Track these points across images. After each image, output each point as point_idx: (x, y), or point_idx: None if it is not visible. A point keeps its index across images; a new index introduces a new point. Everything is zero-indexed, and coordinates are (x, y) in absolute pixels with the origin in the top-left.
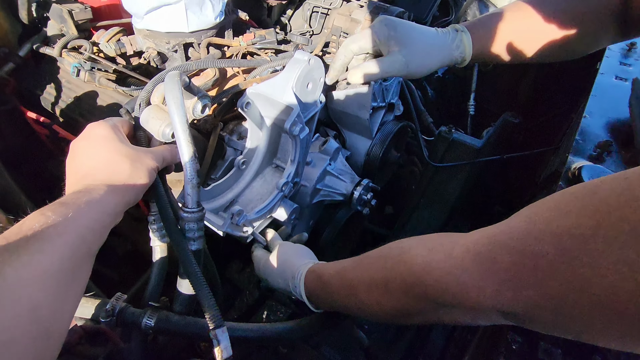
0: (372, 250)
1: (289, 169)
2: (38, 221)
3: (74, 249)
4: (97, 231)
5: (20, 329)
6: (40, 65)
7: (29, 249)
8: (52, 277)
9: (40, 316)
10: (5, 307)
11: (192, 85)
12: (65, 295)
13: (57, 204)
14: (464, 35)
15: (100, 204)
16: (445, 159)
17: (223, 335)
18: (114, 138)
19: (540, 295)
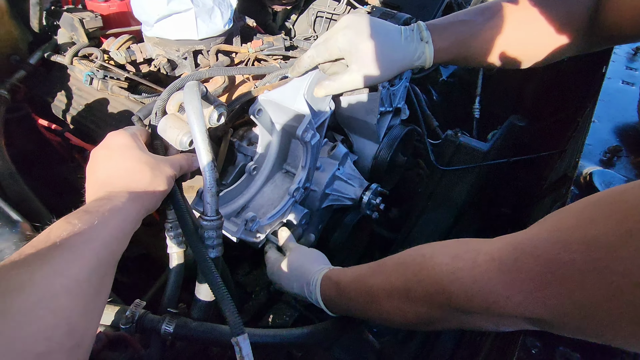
0: (391, 257)
1: (299, 174)
2: (65, 229)
3: (100, 257)
4: (120, 239)
5: (57, 341)
6: (50, 72)
7: (59, 257)
8: (81, 287)
9: (74, 327)
10: (42, 318)
11: (208, 95)
12: (94, 305)
13: (82, 212)
14: (427, 47)
15: (122, 212)
16: (452, 163)
17: (245, 342)
18: (134, 146)
19: (569, 303)
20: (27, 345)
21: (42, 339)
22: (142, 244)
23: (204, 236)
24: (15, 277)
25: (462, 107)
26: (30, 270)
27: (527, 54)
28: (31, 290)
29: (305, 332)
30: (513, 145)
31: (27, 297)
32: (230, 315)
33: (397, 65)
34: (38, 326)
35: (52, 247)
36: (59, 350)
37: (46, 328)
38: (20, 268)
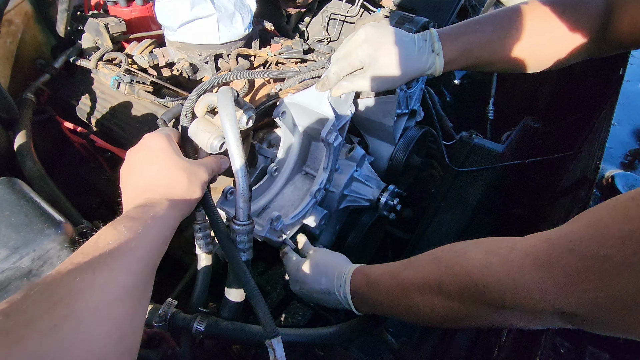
0: (423, 253)
1: (321, 175)
2: (112, 236)
3: (144, 264)
4: (160, 245)
5: (109, 348)
6: (73, 76)
7: (109, 265)
8: (130, 294)
9: (124, 334)
10: (97, 325)
11: (239, 99)
12: (140, 311)
13: (127, 218)
14: (437, 58)
15: (163, 219)
16: (466, 164)
17: (278, 345)
18: (170, 150)
19: (605, 297)
20: (88, 353)
21: (98, 347)
22: None
23: (236, 240)
24: (73, 284)
25: (475, 108)
26: (86, 277)
27: (537, 61)
28: (89, 298)
29: (333, 332)
30: (527, 146)
31: (86, 304)
32: (265, 318)
33: (410, 75)
34: (95, 333)
35: (102, 255)
36: (111, 356)
37: (101, 336)
38: (77, 274)
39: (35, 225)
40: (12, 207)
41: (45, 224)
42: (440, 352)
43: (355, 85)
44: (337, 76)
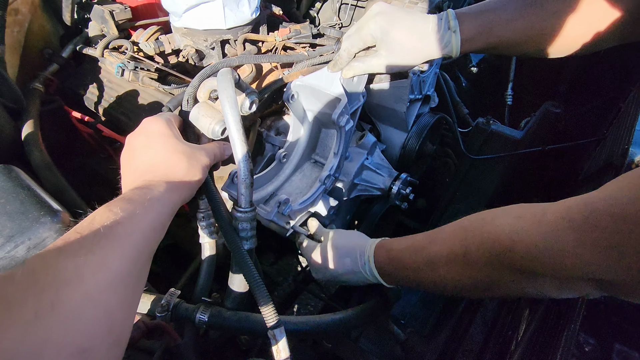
0: (447, 225)
1: (331, 161)
2: (108, 218)
3: (139, 250)
4: (158, 230)
5: (99, 337)
6: (81, 65)
7: (102, 249)
8: (123, 281)
9: (115, 323)
10: (86, 313)
11: (241, 82)
12: (133, 299)
13: (123, 200)
14: (454, 36)
15: (161, 202)
16: (483, 151)
17: (281, 335)
18: (170, 134)
19: None
20: (73, 341)
21: (86, 336)
22: (171, 234)
23: (238, 228)
24: (64, 268)
25: (492, 94)
26: (77, 261)
27: (564, 43)
28: (77, 285)
29: (336, 319)
30: (547, 133)
31: (75, 291)
32: (266, 308)
33: (424, 54)
34: (84, 322)
35: (96, 236)
36: (100, 346)
37: (90, 324)
38: (67, 258)
39: (30, 213)
40: (8, 195)
41: (41, 212)
42: (454, 345)
43: (367, 65)
44: (348, 53)
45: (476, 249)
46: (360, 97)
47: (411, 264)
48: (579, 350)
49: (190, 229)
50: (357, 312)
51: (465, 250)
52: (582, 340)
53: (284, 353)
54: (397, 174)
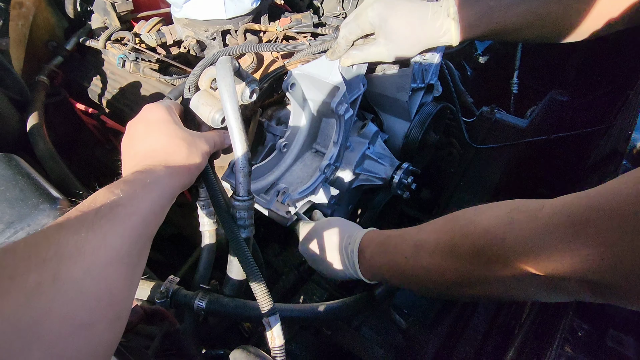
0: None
1: (331, 150)
2: (108, 199)
3: (139, 232)
4: (158, 213)
5: (100, 312)
6: (85, 57)
7: (102, 228)
8: (122, 260)
9: (115, 299)
10: (87, 288)
11: (241, 70)
12: (133, 278)
13: (123, 182)
14: (452, 23)
15: (161, 186)
16: (487, 140)
17: (275, 321)
18: (170, 120)
19: None
20: (75, 313)
21: (87, 309)
22: (175, 224)
23: (235, 216)
24: (65, 243)
25: (498, 83)
26: (78, 237)
27: (571, 28)
28: (78, 259)
29: (333, 307)
30: (554, 121)
31: (76, 266)
32: (261, 295)
33: (423, 42)
34: (85, 296)
35: (96, 215)
36: (100, 321)
37: (91, 298)
38: (68, 233)
39: (30, 200)
40: (7, 182)
41: (40, 199)
42: (456, 334)
43: (366, 53)
44: (346, 40)
45: (464, 239)
46: (361, 85)
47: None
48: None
49: (194, 219)
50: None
51: (452, 241)
52: (575, 326)
53: (278, 340)
54: (399, 164)
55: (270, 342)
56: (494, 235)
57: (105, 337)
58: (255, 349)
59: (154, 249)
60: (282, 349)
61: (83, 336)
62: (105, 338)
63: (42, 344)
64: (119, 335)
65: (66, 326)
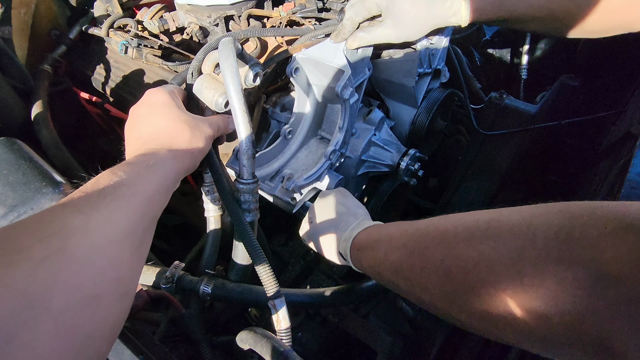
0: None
1: (336, 136)
2: (111, 180)
3: (144, 211)
4: (162, 194)
5: (106, 287)
6: (89, 46)
7: (108, 205)
8: (128, 238)
9: (122, 275)
10: (94, 262)
11: (244, 53)
12: (138, 257)
13: (127, 164)
14: (463, 3)
15: (164, 168)
16: (496, 127)
17: (281, 304)
18: (173, 104)
19: None
20: (83, 286)
21: (96, 283)
22: (181, 212)
23: (240, 199)
24: (71, 220)
25: (507, 69)
26: (83, 216)
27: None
28: (85, 235)
29: (339, 292)
30: (564, 107)
31: (82, 241)
32: (266, 278)
33: (432, 22)
34: (93, 270)
35: (100, 194)
36: (109, 295)
37: (99, 273)
38: (73, 212)
39: (32, 184)
40: (10, 166)
41: (43, 182)
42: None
43: (372, 35)
44: (352, 22)
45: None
46: (366, 69)
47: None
48: None
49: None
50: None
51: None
52: None
53: (284, 323)
54: (406, 150)
55: (276, 325)
56: None
57: (112, 311)
58: (262, 330)
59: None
60: (289, 331)
61: (90, 308)
62: (112, 313)
63: (50, 314)
64: (124, 313)
65: (74, 297)
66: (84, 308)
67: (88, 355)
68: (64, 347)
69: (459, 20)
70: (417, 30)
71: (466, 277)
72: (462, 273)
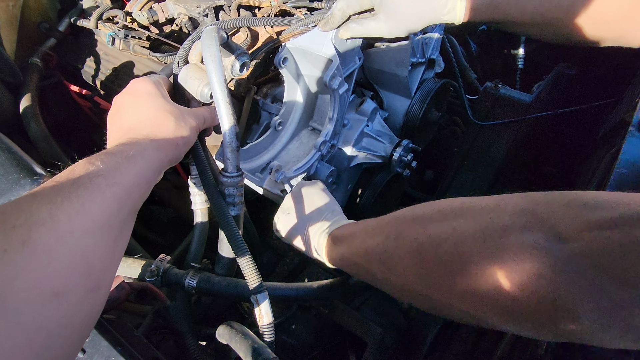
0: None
1: (326, 127)
2: (87, 169)
3: (121, 203)
4: (142, 186)
5: (75, 281)
6: (79, 38)
7: (81, 196)
8: (101, 230)
9: (92, 269)
10: (60, 256)
11: (230, 42)
12: (113, 251)
13: (104, 154)
14: (458, 1)
15: (146, 159)
16: (491, 117)
17: (263, 298)
18: (157, 94)
19: None
20: (47, 282)
21: (61, 278)
22: (174, 206)
23: (224, 193)
24: (37, 211)
25: (503, 59)
26: (52, 206)
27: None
28: (52, 226)
29: (323, 286)
30: (561, 96)
31: (48, 233)
32: (249, 272)
33: (425, 19)
34: (58, 264)
35: (74, 185)
36: (76, 291)
37: (65, 267)
38: (42, 202)
39: (10, 175)
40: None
41: (21, 174)
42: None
43: (365, 28)
44: (342, 13)
45: None
46: (356, 59)
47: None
48: None
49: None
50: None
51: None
52: None
53: (266, 318)
54: (399, 141)
55: (258, 320)
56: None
57: (82, 307)
58: (240, 326)
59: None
60: (271, 326)
61: (55, 305)
62: (82, 309)
63: (6, 312)
64: (98, 307)
65: (35, 294)
66: (47, 305)
67: (52, 355)
68: (20, 346)
69: (453, 18)
70: (410, 26)
71: (437, 251)
72: (434, 248)
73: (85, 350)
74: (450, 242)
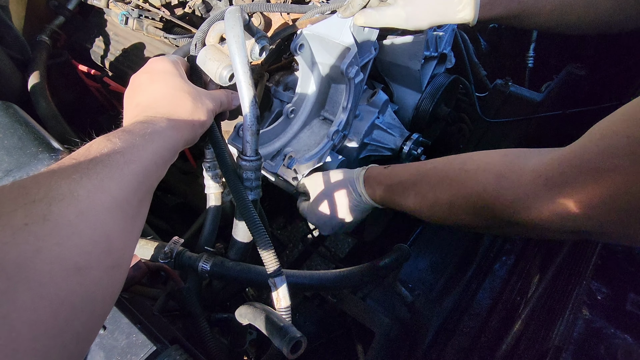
0: (433, 166)
1: (340, 116)
2: (105, 146)
3: (139, 180)
4: (159, 165)
5: (96, 257)
6: (88, 18)
7: (99, 173)
8: (120, 207)
9: (112, 246)
10: (81, 231)
11: (251, 25)
12: (132, 228)
13: (122, 131)
14: None
15: (162, 137)
16: (500, 115)
17: (281, 282)
18: (175, 73)
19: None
20: (70, 256)
21: (82, 253)
22: (181, 192)
23: (242, 177)
24: (57, 186)
25: (512, 57)
26: (71, 182)
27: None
28: (72, 202)
29: (340, 275)
30: (570, 96)
31: (69, 208)
32: (268, 256)
33: (439, 12)
34: (79, 239)
35: (92, 161)
36: (97, 266)
37: (86, 242)
38: (61, 178)
39: (29, 149)
40: (6, 130)
41: (39, 148)
42: (460, 309)
43: (382, 14)
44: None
45: (461, 201)
46: (372, 49)
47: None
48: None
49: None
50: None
51: (450, 201)
52: (594, 289)
53: (284, 301)
54: (409, 134)
55: (276, 303)
56: (488, 201)
57: (103, 283)
58: (262, 305)
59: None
60: (289, 310)
61: (78, 280)
62: (103, 284)
63: (30, 285)
64: (118, 285)
65: (58, 268)
66: (70, 279)
67: (74, 330)
68: (44, 320)
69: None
70: (425, 17)
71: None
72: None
73: (105, 327)
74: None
